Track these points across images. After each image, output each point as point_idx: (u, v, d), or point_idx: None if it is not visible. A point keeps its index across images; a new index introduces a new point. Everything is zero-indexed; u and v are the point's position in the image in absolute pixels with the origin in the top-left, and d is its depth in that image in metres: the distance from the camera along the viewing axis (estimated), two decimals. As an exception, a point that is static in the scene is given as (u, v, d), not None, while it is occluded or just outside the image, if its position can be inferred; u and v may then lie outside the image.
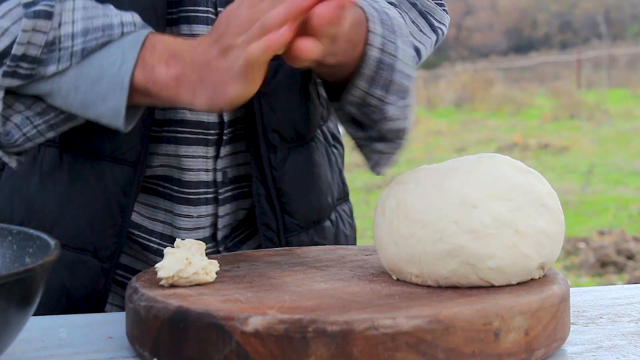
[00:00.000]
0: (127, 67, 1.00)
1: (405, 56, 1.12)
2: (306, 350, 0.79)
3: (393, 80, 1.10)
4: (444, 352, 0.81)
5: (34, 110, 1.05)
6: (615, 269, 5.55)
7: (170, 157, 1.16)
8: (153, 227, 1.18)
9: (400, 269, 0.94)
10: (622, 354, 0.89)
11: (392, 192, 0.97)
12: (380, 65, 1.09)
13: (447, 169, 0.95)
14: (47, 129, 1.06)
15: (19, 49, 1.01)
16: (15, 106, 1.05)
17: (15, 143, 1.06)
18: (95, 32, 1.01)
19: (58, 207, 1.15)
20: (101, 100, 1.01)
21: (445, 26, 1.26)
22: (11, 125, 1.05)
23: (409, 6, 1.22)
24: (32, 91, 1.04)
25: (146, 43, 1.01)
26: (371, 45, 1.09)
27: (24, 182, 1.17)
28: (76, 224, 1.14)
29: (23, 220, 1.16)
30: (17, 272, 0.76)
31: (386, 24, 1.11)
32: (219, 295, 0.89)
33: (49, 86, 1.03)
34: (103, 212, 1.14)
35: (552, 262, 0.95)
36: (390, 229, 0.95)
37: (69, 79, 1.02)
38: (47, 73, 1.02)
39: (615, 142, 10.78)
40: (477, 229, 0.90)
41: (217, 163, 1.17)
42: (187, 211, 1.17)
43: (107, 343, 0.93)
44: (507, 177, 0.94)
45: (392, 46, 1.10)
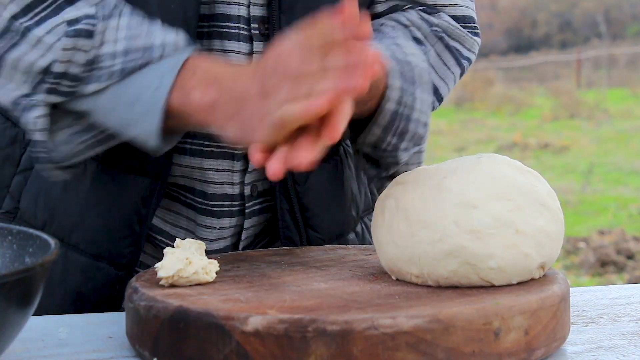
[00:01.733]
0: (164, 90, 0.99)
1: (422, 105, 1.12)
2: (306, 350, 0.79)
3: (408, 129, 1.11)
4: (444, 352, 0.81)
5: (82, 126, 1.05)
6: (615, 269, 5.55)
7: (194, 170, 1.15)
8: (176, 233, 1.18)
9: (400, 269, 0.94)
10: (622, 354, 0.89)
11: (392, 193, 0.97)
12: (395, 116, 1.09)
13: (446, 170, 0.95)
14: (95, 144, 1.06)
15: (60, 67, 1.01)
16: (63, 122, 1.05)
17: (64, 158, 1.06)
18: (136, 53, 1.01)
19: (78, 212, 1.15)
20: (137, 122, 1.01)
21: (474, 53, 1.23)
22: (59, 141, 1.05)
23: (435, 40, 1.19)
24: (75, 108, 1.04)
25: (186, 66, 1.00)
26: (388, 99, 1.09)
27: (49, 185, 1.17)
28: (94, 230, 1.14)
29: (45, 222, 1.16)
30: (17, 271, 0.76)
31: (406, 75, 1.10)
32: (219, 295, 0.89)
33: (89, 104, 1.03)
34: (121, 221, 1.14)
35: (552, 262, 0.95)
36: (389, 230, 0.95)
37: (108, 98, 1.02)
38: (87, 91, 1.02)
39: (615, 141, 10.78)
40: (478, 229, 0.90)
41: (246, 177, 1.16)
42: (210, 223, 1.16)
43: (107, 343, 0.93)
44: (506, 177, 0.94)
45: (409, 98, 1.10)
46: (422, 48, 1.17)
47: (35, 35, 1.02)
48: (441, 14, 1.20)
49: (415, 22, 1.19)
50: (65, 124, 1.05)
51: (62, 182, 1.15)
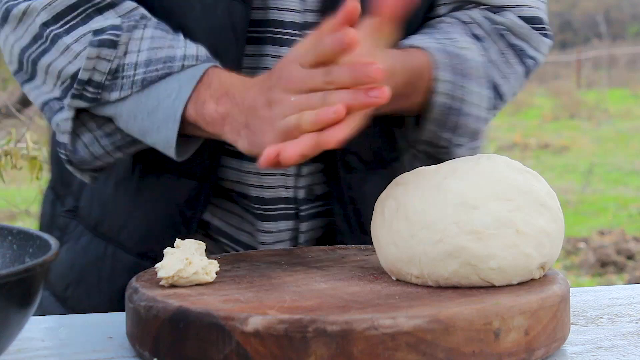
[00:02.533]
0: (181, 100, 1.02)
1: (478, 99, 1.12)
2: (306, 350, 0.79)
3: (462, 123, 1.11)
4: (444, 352, 0.81)
5: (104, 131, 1.09)
6: (615, 269, 5.55)
7: (250, 175, 1.16)
8: (238, 235, 1.19)
9: (400, 269, 0.94)
10: (622, 354, 0.89)
11: (392, 193, 0.97)
12: (448, 110, 1.10)
13: (446, 170, 0.95)
14: (114, 150, 1.10)
15: (85, 75, 1.05)
16: (88, 125, 1.09)
17: (83, 161, 1.10)
18: (157, 64, 1.04)
19: (126, 212, 1.18)
20: (155, 130, 1.04)
21: (541, 53, 1.22)
22: (80, 144, 1.09)
23: (498, 37, 1.19)
24: (100, 113, 1.08)
25: (204, 78, 1.03)
26: (437, 92, 1.09)
27: (102, 184, 1.20)
28: (139, 230, 1.17)
29: (98, 221, 1.20)
30: (17, 271, 0.76)
31: (457, 68, 1.10)
32: (219, 295, 0.89)
33: (113, 110, 1.07)
34: (166, 222, 1.16)
35: (552, 262, 0.95)
36: (389, 230, 0.95)
37: (129, 106, 1.05)
38: (110, 98, 1.06)
39: (615, 141, 10.78)
40: (478, 229, 0.90)
41: (299, 181, 1.17)
42: (268, 227, 1.17)
43: (107, 343, 0.93)
44: (506, 177, 0.94)
45: (462, 91, 1.10)
46: (482, 44, 1.16)
47: (64, 42, 1.07)
48: (507, 13, 1.20)
49: (477, 19, 1.18)
50: (89, 127, 1.09)
51: (113, 183, 1.19)
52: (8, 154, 3.21)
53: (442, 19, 1.18)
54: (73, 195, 1.23)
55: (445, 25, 1.17)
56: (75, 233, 1.23)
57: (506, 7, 1.20)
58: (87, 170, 1.12)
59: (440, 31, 1.15)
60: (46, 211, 1.30)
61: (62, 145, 1.09)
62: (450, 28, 1.16)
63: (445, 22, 1.17)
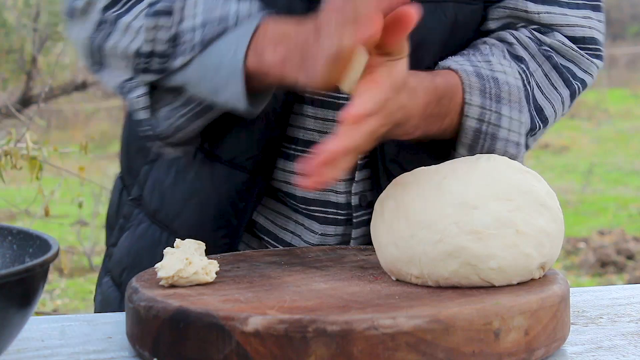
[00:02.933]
0: (240, 53, 1.03)
1: (511, 124, 1.11)
2: (306, 350, 0.79)
3: (495, 149, 1.11)
4: (444, 352, 0.81)
5: (180, 101, 1.11)
6: (615, 269, 5.55)
7: (296, 175, 1.16)
8: (283, 235, 1.20)
9: (400, 270, 0.94)
10: (622, 354, 0.89)
11: (391, 194, 0.97)
12: (479, 134, 1.10)
13: (446, 170, 0.95)
14: (194, 116, 1.12)
15: (147, 46, 1.08)
16: (164, 99, 1.12)
17: (166, 133, 1.13)
18: (213, 23, 1.06)
19: (181, 202, 1.20)
20: (223, 87, 1.05)
21: (591, 75, 1.21)
22: (161, 118, 1.12)
23: (543, 59, 1.18)
24: (171, 84, 1.10)
25: (259, 29, 1.04)
26: (467, 116, 1.09)
27: (163, 175, 1.23)
28: (192, 220, 1.19)
29: (156, 210, 1.23)
30: (17, 271, 0.76)
31: (489, 92, 1.10)
32: (219, 295, 0.89)
33: (181, 78, 1.09)
34: (216, 212, 1.18)
35: (552, 262, 0.95)
36: (389, 230, 0.95)
37: (195, 69, 1.07)
38: (175, 66, 1.08)
39: (615, 141, 10.77)
40: (478, 229, 0.90)
41: (353, 186, 1.17)
42: (312, 227, 1.18)
43: (107, 343, 0.93)
44: (506, 177, 0.94)
45: (493, 115, 1.10)
46: (524, 66, 1.16)
47: (124, 22, 1.10)
48: (555, 34, 1.19)
49: (522, 40, 1.18)
50: (165, 101, 1.12)
51: (174, 172, 1.21)
52: (8, 154, 3.22)
53: (485, 40, 1.18)
54: (139, 184, 1.26)
55: (486, 47, 1.16)
56: (136, 220, 1.26)
57: (556, 26, 1.19)
58: (176, 145, 1.15)
59: (478, 53, 1.15)
60: (114, 200, 1.35)
61: (144, 122, 1.12)
62: (490, 50, 1.16)
63: (487, 44, 1.17)
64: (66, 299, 5.27)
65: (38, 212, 4.64)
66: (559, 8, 1.19)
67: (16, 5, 9.19)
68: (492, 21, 1.21)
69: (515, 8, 1.20)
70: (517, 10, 1.20)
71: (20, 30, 9.38)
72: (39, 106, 4.48)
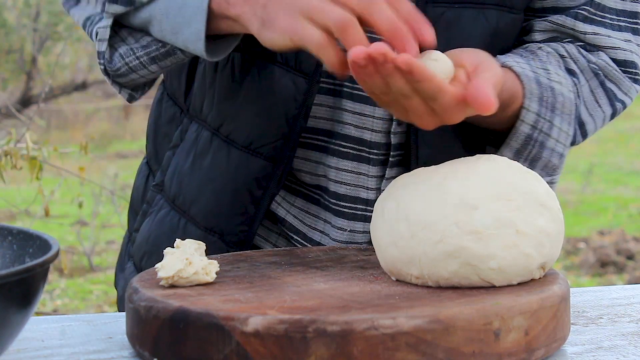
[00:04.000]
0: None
1: (559, 134, 1.12)
2: (306, 350, 0.79)
3: (541, 157, 1.11)
4: (444, 352, 0.81)
5: (140, 43, 1.14)
6: (615, 269, 5.55)
7: (330, 169, 1.18)
8: (312, 235, 1.20)
9: (400, 270, 0.94)
10: (622, 354, 0.89)
11: (392, 194, 0.97)
12: (529, 141, 1.10)
13: (446, 171, 0.95)
14: (149, 61, 1.14)
15: None
16: (127, 40, 1.15)
17: (119, 72, 1.15)
18: None
19: (198, 187, 1.20)
20: (186, 25, 1.07)
21: (630, 98, 1.23)
22: (116, 55, 1.14)
23: (591, 75, 1.20)
24: (137, 21, 1.13)
25: None
26: (522, 120, 1.10)
27: (183, 160, 1.23)
28: (207, 205, 1.19)
29: (175, 195, 1.23)
30: (17, 271, 0.76)
31: (546, 101, 1.11)
32: (219, 295, 0.89)
33: (147, 13, 1.11)
34: (232, 199, 1.18)
35: (552, 262, 0.95)
36: (390, 231, 0.95)
37: (162, 4, 1.09)
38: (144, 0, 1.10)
39: (615, 141, 10.77)
40: (479, 229, 0.90)
41: (382, 184, 1.18)
42: (341, 224, 1.18)
43: (107, 343, 0.93)
44: (506, 177, 0.94)
45: (546, 124, 1.11)
46: (575, 80, 1.17)
47: None
48: (600, 53, 1.20)
49: (573, 54, 1.19)
50: (127, 41, 1.14)
51: (192, 159, 1.22)
52: (8, 154, 3.22)
53: (540, 46, 1.19)
54: (162, 170, 1.27)
55: (542, 53, 1.17)
56: (157, 206, 1.26)
57: (601, 47, 1.20)
58: (125, 86, 1.18)
59: (537, 59, 1.16)
60: (139, 185, 1.35)
61: (100, 55, 1.14)
62: (547, 58, 1.17)
63: (543, 50, 1.18)
64: (66, 299, 5.27)
65: (38, 212, 4.64)
66: (604, 29, 1.20)
67: (16, 5, 9.18)
68: (538, 33, 1.22)
69: (563, 25, 1.21)
70: (564, 27, 1.21)
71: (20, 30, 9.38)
72: (39, 106, 4.48)
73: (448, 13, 1.14)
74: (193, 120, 1.23)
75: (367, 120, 1.16)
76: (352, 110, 1.16)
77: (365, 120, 1.16)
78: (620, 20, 1.20)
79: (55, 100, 10.49)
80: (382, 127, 1.15)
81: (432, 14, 1.12)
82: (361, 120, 1.16)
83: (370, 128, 1.16)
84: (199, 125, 1.22)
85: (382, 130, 1.15)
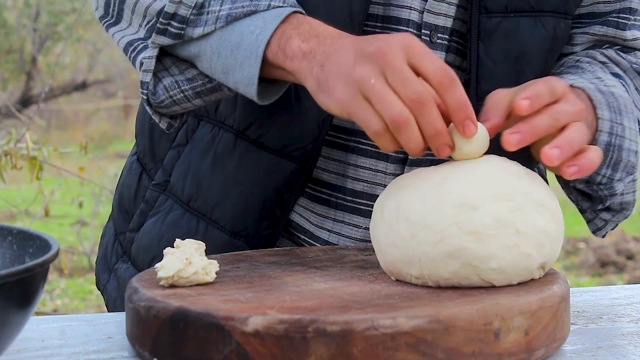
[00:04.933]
0: (265, 36, 1.02)
1: (631, 134, 1.14)
2: (306, 350, 0.79)
3: (621, 159, 1.13)
4: (444, 352, 0.81)
5: (185, 76, 1.10)
6: (615, 269, 5.55)
7: (348, 166, 1.18)
8: (319, 234, 1.20)
9: (400, 270, 0.94)
10: (622, 354, 0.89)
11: (391, 194, 0.97)
12: (608, 147, 1.11)
13: (446, 171, 0.95)
14: (194, 95, 1.10)
15: (170, 8, 1.06)
16: (171, 69, 1.10)
17: (162, 104, 1.11)
18: (244, 1, 1.04)
19: (222, 190, 1.19)
20: (238, 67, 1.04)
21: None
22: (160, 87, 1.10)
23: (635, 74, 1.23)
24: (184, 53, 1.09)
25: (291, 19, 1.03)
26: (601, 130, 1.11)
27: (198, 161, 1.21)
28: (234, 209, 1.18)
29: (191, 197, 1.21)
30: (17, 271, 0.76)
31: (612, 106, 1.12)
32: (219, 295, 0.89)
33: (196, 48, 1.07)
34: (261, 202, 1.17)
35: (552, 262, 0.95)
36: (389, 231, 0.95)
37: (213, 43, 1.06)
38: (194, 35, 1.06)
39: (615, 142, 10.76)
40: (479, 230, 0.90)
41: None
42: (357, 221, 1.18)
43: (107, 343, 0.93)
44: (505, 177, 0.94)
45: (619, 127, 1.12)
46: (622, 81, 1.19)
47: None
48: (637, 53, 1.24)
49: (613, 58, 1.22)
50: (172, 72, 1.10)
51: (211, 159, 1.20)
52: (8, 154, 3.22)
53: (578, 59, 1.21)
54: (164, 169, 1.25)
55: (585, 65, 1.20)
56: (164, 207, 1.24)
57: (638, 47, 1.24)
58: (165, 115, 1.13)
59: (586, 71, 1.18)
60: (131, 183, 1.31)
61: (144, 85, 1.10)
62: (592, 67, 1.19)
63: (584, 62, 1.20)
64: (66, 299, 5.27)
65: (38, 212, 4.64)
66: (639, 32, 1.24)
67: (16, 5, 9.19)
68: (578, 45, 1.24)
69: (605, 35, 1.23)
70: (606, 36, 1.23)
71: (20, 30, 9.39)
72: (39, 106, 4.47)
73: (505, 23, 1.15)
74: (202, 120, 1.22)
75: None
76: None
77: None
78: None
79: (55, 100, 10.50)
80: None
81: (488, 25, 1.14)
82: None
83: None
84: (214, 125, 1.20)
85: None
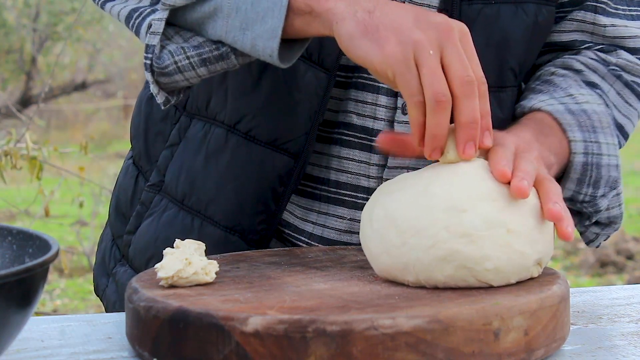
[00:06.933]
0: None
1: (609, 149, 1.14)
2: (306, 350, 0.79)
3: (601, 176, 1.13)
4: (443, 352, 0.81)
5: (191, 43, 1.07)
6: (615, 269, 5.54)
7: (332, 158, 1.18)
8: (303, 226, 1.20)
9: (395, 277, 0.94)
10: (622, 354, 0.89)
11: (379, 202, 0.96)
12: (586, 167, 1.12)
13: (429, 175, 0.95)
14: (200, 62, 1.06)
15: None
16: (174, 38, 1.07)
17: (165, 70, 1.07)
18: None
19: (215, 186, 1.18)
20: (260, 20, 1.01)
21: None
22: (165, 52, 1.06)
23: (614, 79, 1.22)
24: (196, 15, 1.06)
25: None
26: (575, 152, 1.11)
27: (191, 159, 1.21)
28: (229, 204, 1.18)
29: (185, 195, 1.21)
30: (17, 271, 0.76)
31: (584, 125, 1.13)
32: (218, 295, 0.89)
33: (212, 6, 1.04)
34: (256, 197, 1.17)
35: (548, 257, 0.95)
36: (380, 240, 0.94)
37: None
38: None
39: (615, 142, 10.75)
40: (469, 232, 0.90)
41: (384, 172, 1.17)
42: (341, 213, 1.18)
43: (107, 343, 0.93)
44: (490, 177, 0.93)
45: (594, 146, 1.13)
46: (599, 91, 1.19)
47: None
48: (619, 52, 1.23)
49: (590, 64, 1.21)
50: (176, 40, 1.07)
51: (203, 157, 1.19)
52: (8, 154, 3.22)
53: (555, 72, 1.21)
54: (158, 170, 1.24)
55: (559, 80, 1.19)
56: (159, 207, 1.23)
57: (619, 38, 1.23)
58: (163, 90, 1.09)
59: (558, 88, 1.17)
60: (128, 186, 1.30)
61: (149, 48, 1.06)
62: (566, 83, 1.18)
63: (558, 76, 1.20)
64: (66, 299, 5.27)
65: (38, 212, 4.64)
66: (620, 20, 1.22)
67: (16, 5, 9.18)
68: (565, 33, 1.24)
69: (584, 20, 1.23)
70: (585, 22, 1.23)
71: (20, 30, 9.38)
72: (38, 106, 4.48)
73: (486, 10, 1.14)
74: (194, 118, 1.21)
75: (370, 109, 1.16)
76: (356, 99, 1.16)
77: (369, 108, 1.16)
78: (632, 10, 1.23)
79: (55, 100, 10.49)
80: (385, 115, 1.15)
81: (469, 12, 1.13)
82: (364, 108, 1.16)
83: (373, 116, 1.15)
84: (206, 123, 1.20)
85: (385, 118, 1.15)
